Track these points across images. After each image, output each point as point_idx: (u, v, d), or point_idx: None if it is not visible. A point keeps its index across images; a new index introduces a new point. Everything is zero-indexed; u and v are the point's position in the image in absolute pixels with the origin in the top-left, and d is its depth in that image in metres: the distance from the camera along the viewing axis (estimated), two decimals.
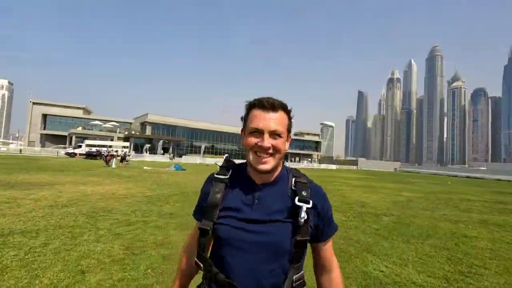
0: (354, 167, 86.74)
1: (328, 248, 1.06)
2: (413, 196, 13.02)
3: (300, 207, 0.94)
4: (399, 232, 5.91)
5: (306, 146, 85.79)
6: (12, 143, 78.41)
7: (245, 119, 1.01)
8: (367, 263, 4.00)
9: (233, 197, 0.99)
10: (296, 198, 0.96)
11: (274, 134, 0.94)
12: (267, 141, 0.92)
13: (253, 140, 0.95)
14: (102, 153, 35.84)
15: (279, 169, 1.03)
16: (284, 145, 0.98)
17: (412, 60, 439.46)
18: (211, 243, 0.99)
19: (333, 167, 77.25)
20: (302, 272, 0.97)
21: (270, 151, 0.94)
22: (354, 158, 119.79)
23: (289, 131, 1.02)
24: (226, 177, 1.03)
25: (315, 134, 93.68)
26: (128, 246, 4.08)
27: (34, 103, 58.21)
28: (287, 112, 1.00)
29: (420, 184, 22.69)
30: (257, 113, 0.95)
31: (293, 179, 1.03)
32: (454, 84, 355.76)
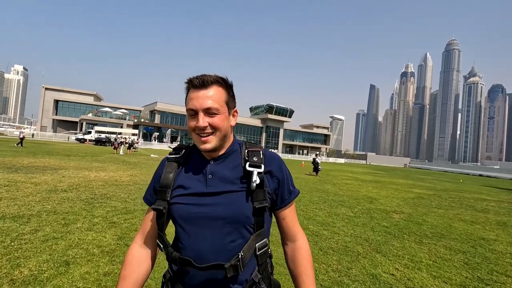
0: (363, 162, 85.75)
1: (289, 216, 1.04)
2: (424, 193, 12.54)
3: (251, 172, 0.92)
4: (410, 231, 5.56)
5: (315, 139, 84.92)
6: (26, 127, 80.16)
7: (185, 101, 0.97)
8: (376, 264, 3.68)
9: (186, 175, 0.97)
10: (247, 164, 0.94)
11: (209, 113, 0.90)
12: (203, 121, 0.90)
13: (192, 122, 0.92)
14: (111, 139, 36.24)
15: (227, 144, 1.00)
16: (224, 121, 0.93)
17: (428, 54, 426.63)
18: (167, 225, 0.97)
19: (342, 161, 76.51)
20: (265, 240, 0.95)
21: (208, 130, 0.91)
22: (363, 153, 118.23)
23: (230, 105, 0.96)
24: (179, 155, 1.02)
25: (324, 127, 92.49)
26: (122, 236, 3.86)
27: (46, 89, 58.97)
28: (223, 86, 0.94)
29: (431, 181, 22.05)
30: (191, 93, 0.92)
31: (246, 150, 1.00)
32: (471, 79, 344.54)
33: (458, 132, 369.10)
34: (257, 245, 0.92)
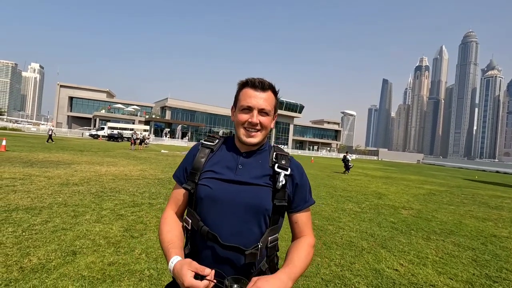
0: (375, 158, 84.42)
1: (302, 220, 1.11)
2: (436, 190, 12.27)
3: (279, 173, 1.02)
4: (418, 227, 5.46)
5: (325, 135, 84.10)
6: (42, 124, 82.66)
7: (236, 97, 1.08)
8: (380, 259, 3.65)
9: (218, 162, 1.07)
10: (276, 165, 1.04)
11: (262, 112, 1.02)
12: (256, 118, 1.01)
13: (244, 116, 1.03)
14: (126, 136, 37.15)
15: (263, 143, 1.12)
16: (270, 122, 1.07)
17: (444, 47, 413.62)
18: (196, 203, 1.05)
19: (353, 157, 75.49)
20: (277, 235, 1.05)
21: (258, 127, 1.03)
22: (375, 149, 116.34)
23: (275, 110, 1.10)
24: (213, 143, 1.12)
25: (335, 123, 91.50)
26: (128, 228, 3.96)
27: (61, 86, 60.51)
28: (275, 92, 1.08)
29: (444, 177, 21.54)
30: (248, 91, 1.03)
31: (275, 152, 1.11)
32: (489, 72, 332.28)
33: (475, 128, 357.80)
34: (269, 238, 1.02)
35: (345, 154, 18.14)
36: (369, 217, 5.91)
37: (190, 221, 1.03)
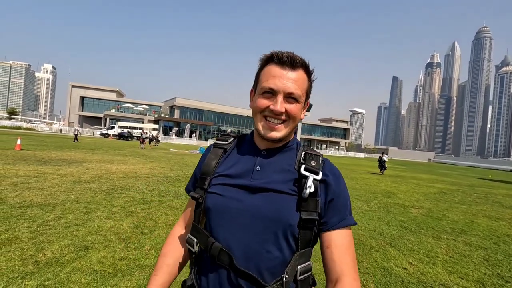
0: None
1: (337, 244, 0.76)
2: (447, 188, 12.05)
3: (306, 177, 0.76)
4: (428, 226, 5.38)
5: (334, 133, 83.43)
6: (55, 123, 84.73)
7: (257, 76, 0.83)
8: (388, 258, 3.62)
9: (231, 164, 0.85)
10: (302, 167, 0.78)
11: (290, 98, 0.77)
12: (281, 105, 0.76)
13: (264, 102, 0.78)
14: (136, 135, 37.81)
15: (289, 138, 0.87)
16: (299, 111, 0.80)
17: (456, 43, 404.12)
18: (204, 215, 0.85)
19: (362, 155, 74.80)
20: (309, 263, 0.77)
21: (283, 117, 0.78)
22: (385, 147, 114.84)
23: (307, 96, 0.84)
24: (226, 142, 0.91)
25: (343, 121, 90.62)
26: (138, 224, 4.03)
27: (73, 86, 61.79)
28: (308, 72, 0.81)
29: (456, 176, 21.12)
30: (273, 69, 0.77)
31: (303, 152, 0.85)
32: (503, 69, 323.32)
33: (489, 125, 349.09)
34: (299, 267, 0.75)
35: (381, 155, 18.07)
36: (377, 216, 5.86)
37: (196, 240, 0.81)
